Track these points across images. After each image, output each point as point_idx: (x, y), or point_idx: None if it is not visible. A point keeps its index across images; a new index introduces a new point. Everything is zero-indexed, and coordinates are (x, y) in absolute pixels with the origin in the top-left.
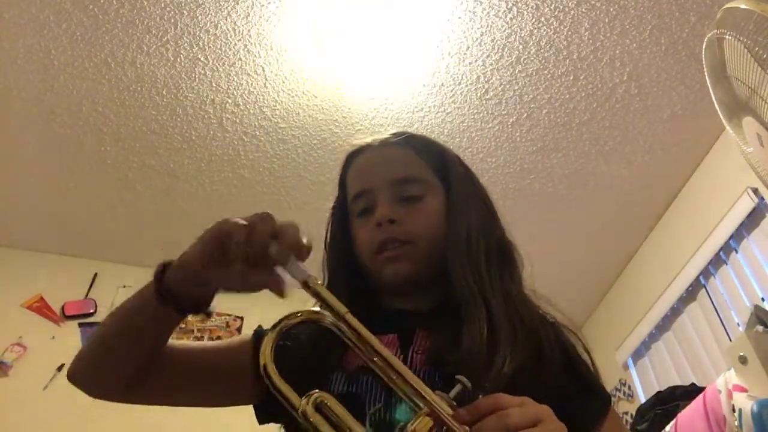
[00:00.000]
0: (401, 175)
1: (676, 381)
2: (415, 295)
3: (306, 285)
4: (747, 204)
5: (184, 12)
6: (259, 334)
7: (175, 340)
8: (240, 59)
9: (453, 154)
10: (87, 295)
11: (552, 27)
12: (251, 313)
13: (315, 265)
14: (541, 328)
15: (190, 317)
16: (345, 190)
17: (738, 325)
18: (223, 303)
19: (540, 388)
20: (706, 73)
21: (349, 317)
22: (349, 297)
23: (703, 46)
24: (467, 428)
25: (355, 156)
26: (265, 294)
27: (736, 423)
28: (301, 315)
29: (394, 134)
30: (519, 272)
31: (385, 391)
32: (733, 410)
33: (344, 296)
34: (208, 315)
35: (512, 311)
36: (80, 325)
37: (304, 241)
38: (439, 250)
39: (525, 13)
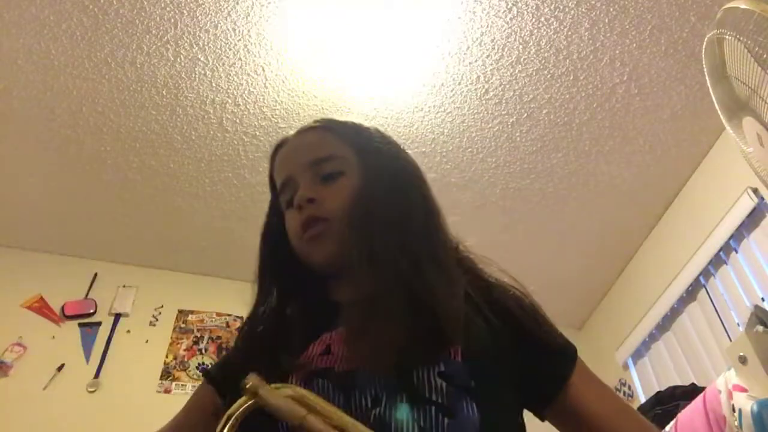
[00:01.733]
0: (317, 155)
1: (676, 381)
2: (356, 280)
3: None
4: (747, 204)
5: (184, 12)
6: (209, 374)
7: None
8: (240, 59)
9: (371, 129)
10: (87, 295)
11: (552, 27)
12: None
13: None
14: (464, 290)
15: (189, 317)
16: (275, 188)
17: (738, 325)
18: (224, 303)
19: (480, 358)
20: (706, 73)
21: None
22: (290, 297)
23: (703, 46)
24: None
25: (276, 151)
26: None
27: (736, 423)
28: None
29: (311, 121)
30: (435, 232)
31: (342, 393)
32: (733, 410)
33: (281, 299)
34: None
35: (406, 275)
36: (80, 325)
37: None
38: None
39: (525, 13)
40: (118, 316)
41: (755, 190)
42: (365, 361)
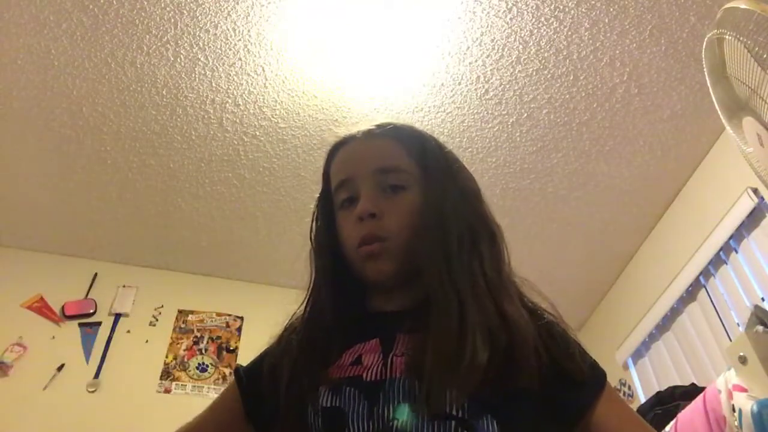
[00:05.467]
0: (383, 164)
1: (676, 381)
2: (401, 292)
3: None
4: (747, 204)
5: (184, 12)
6: (239, 372)
7: None
8: (240, 59)
9: (433, 143)
10: (87, 295)
11: (552, 27)
12: (251, 313)
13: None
14: (519, 317)
15: (189, 317)
16: (329, 182)
17: (738, 325)
18: (224, 303)
19: (516, 382)
20: (706, 73)
21: None
22: (334, 300)
23: (703, 46)
24: None
25: (339, 147)
26: (265, 294)
27: (736, 423)
28: None
29: (377, 125)
30: (498, 255)
31: (367, 401)
32: (733, 410)
33: (328, 300)
34: None
35: (484, 301)
36: (80, 325)
37: None
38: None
39: (525, 13)
40: (118, 316)
41: (755, 190)
42: (449, 378)
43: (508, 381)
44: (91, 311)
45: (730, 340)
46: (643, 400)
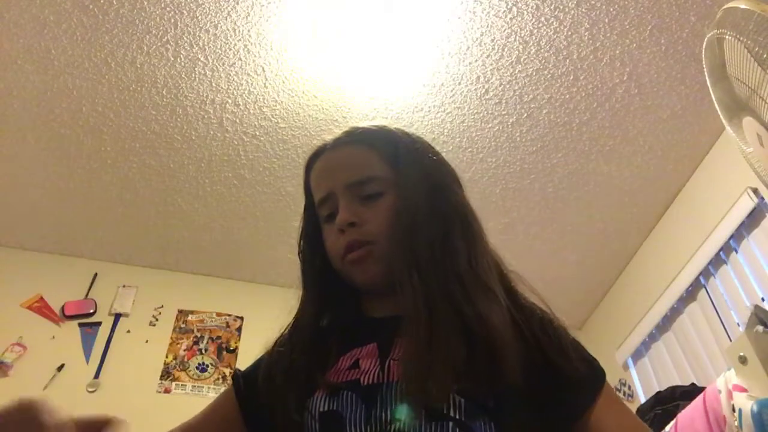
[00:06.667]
0: (356, 177)
1: (676, 381)
2: (392, 298)
3: None
4: (747, 204)
5: (184, 12)
6: (237, 377)
7: None
8: (240, 59)
9: (406, 140)
10: (87, 295)
11: (552, 27)
12: (251, 313)
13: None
14: (493, 313)
15: (189, 317)
16: (311, 195)
17: (738, 325)
18: (224, 303)
19: (502, 380)
20: (706, 73)
21: None
22: (326, 308)
23: (703, 46)
24: None
25: (314, 160)
26: (265, 294)
27: (736, 423)
28: None
29: (348, 132)
30: (473, 244)
31: (364, 405)
32: (733, 410)
33: (314, 312)
34: None
35: (457, 300)
36: (80, 325)
37: None
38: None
39: (525, 13)
40: (118, 316)
41: (755, 190)
42: (424, 379)
43: (496, 380)
44: (91, 311)
45: (730, 340)
46: (643, 400)
